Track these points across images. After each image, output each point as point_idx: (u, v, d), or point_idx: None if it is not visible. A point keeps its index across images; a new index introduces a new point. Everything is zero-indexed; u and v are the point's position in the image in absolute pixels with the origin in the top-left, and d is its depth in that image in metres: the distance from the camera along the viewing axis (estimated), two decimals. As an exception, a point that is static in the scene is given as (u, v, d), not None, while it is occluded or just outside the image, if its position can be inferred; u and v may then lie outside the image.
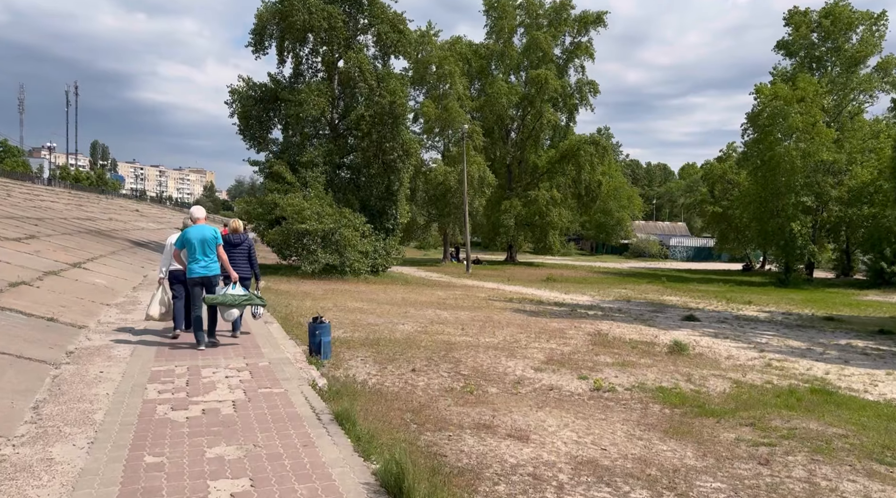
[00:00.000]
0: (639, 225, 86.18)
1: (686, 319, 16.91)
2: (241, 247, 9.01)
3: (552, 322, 14.34)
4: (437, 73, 43.14)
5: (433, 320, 13.62)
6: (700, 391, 7.93)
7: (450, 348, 9.84)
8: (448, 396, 6.97)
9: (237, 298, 7.96)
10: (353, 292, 19.63)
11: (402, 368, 8.27)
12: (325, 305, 15.40)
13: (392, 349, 9.51)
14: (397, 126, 26.14)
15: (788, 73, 39.16)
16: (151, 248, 28.97)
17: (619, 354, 10.10)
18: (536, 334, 11.99)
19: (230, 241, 8.88)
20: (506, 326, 13.04)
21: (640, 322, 15.69)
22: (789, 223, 35.44)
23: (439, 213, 43.23)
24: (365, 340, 10.22)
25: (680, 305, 21.83)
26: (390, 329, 11.78)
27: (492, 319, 14.39)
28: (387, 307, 15.76)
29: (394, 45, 27.12)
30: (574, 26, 47.91)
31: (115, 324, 9.26)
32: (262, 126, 28.20)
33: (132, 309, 10.97)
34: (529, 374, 8.34)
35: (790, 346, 12.91)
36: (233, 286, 8.06)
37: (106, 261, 18.57)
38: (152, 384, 5.87)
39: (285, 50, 27.25)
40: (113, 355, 7.10)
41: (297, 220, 23.58)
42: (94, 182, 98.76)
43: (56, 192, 50.33)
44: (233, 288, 8.03)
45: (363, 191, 27.81)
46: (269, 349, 7.76)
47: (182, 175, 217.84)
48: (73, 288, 11.80)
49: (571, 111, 48.58)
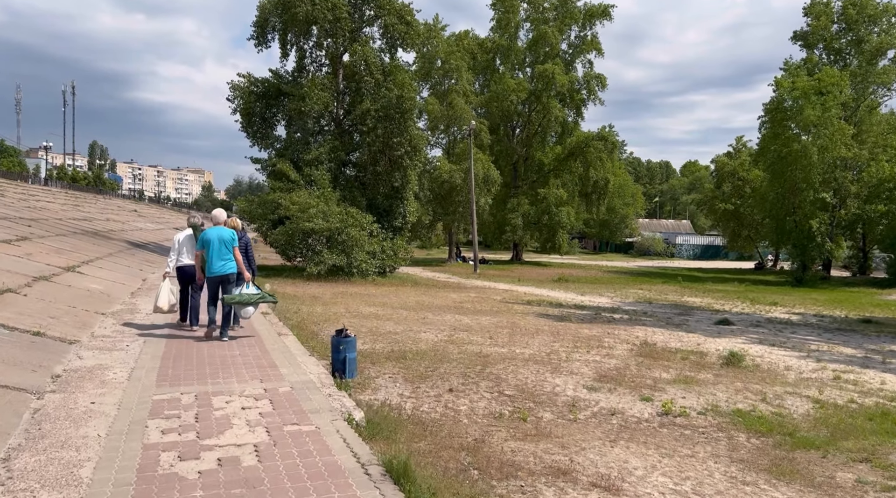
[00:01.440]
0: (643, 223, 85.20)
1: (720, 323, 15.90)
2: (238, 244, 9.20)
3: (583, 328, 13.31)
4: (444, 68, 42.06)
5: (456, 327, 12.60)
6: (781, 414, 6.91)
7: (484, 362, 8.82)
8: (500, 425, 5.95)
9: (252, 297, 8.65)
10: (364, 296, 18.61)
11: (437, 388, 7.25)
12: (337, 310, 14.38)
13: (421, 364, 8.49)
14: (405, 121, 25.09)
15: (801, 65, 38.09)
16: (150, 249, 27.91)
17: (672, 368, 9.08)
18: (573, 344, 10.97)
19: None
20: (536, 334, 12.02)
21: (674, 327, 14.68)
22: (807, 220, 34.43)
23: (444, 213, 42.15)
24: (389, 352, 9.19)
25: (704, 307, 20.82)
26: (413, 339, 10.76)
27: (517, 325, 13.37)
28: (403, 313, 14.73)
29: (401, 38, 26.04)
30: (580, 19, 46.81)
31: (111, 337, 8.22)
32: (265, 123, 27.16)
33: (130, 319, 9.93)
34: (583, 394, 7.32)
35: (844, 353, 11.90)
36: (246, 286, 8.67)
37: (102, 263, 17.52)
38: (154, 420, 4.84)
39: (288, 43, 26.20)
40: (108, 379, 6.06)
41: (301, 218, 22.54)
42: (91, 182, 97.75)
43: (52, 193, 49.24)
44: (247, 288, 8.66)
45: (369, 189, 26.76)
46: (287, 368, 6.73)
47: (180, 175, 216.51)
48: (65, 295, 10.76)
49: (579, 107, 47.48)
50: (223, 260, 8.55)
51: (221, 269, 8.55)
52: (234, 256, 8.67)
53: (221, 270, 8.54)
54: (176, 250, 9.33)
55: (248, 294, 8.59)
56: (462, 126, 41.89)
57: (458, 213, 40.91)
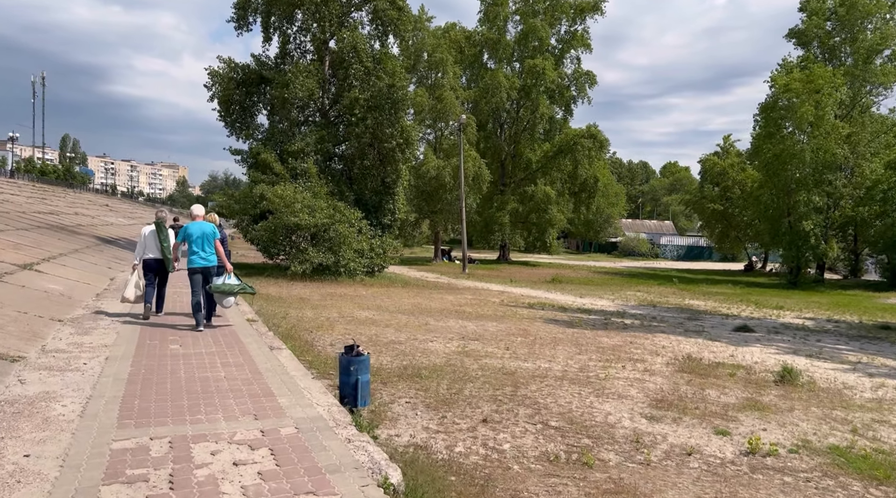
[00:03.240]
0: (626, 223, 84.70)
1: (739, 329, 14.83)
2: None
3: (601, 337, 12.10)
4: (430, 61, 40.66)
5: (463, 335, 11.30)
6: (884, 450, 5.74)
7: (513, 381, 7.54)
8: (562, 473, 4.67)
9: (233, 287, 9.10)
10: (354, 297, 17.21)
11: (467, 418, 5.95)
12: (329, 315, 12.99)
13: (441, 384, 7.19)
14: (396, 112, 23.67)
15: (798, 63, 37.45)
16: (121, 245, 26.14)
17: (726, 387, 7.89)
18: (601, 356, 9.74)
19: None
20: (554, 344, 10.77)
21: (694, 334, 13.56)
22: (800, 222, 33.76)
23: (431, 210, 40.76)
24: (400, 369, 7.86)
25: (711, 311, 19.82)
26: (421, 350, 9.44)
27: (529, 332, 12.11)
28: (401, 317, 13.39)
29: (392, 24, 24.59)
30: (570, 14, 45.73)
31: (66, 352, 6.76)
32: (245, 112, 25.57)
33: (91, 326, 8.45)
34: (643, 425, 6.07)
35: (889, 366, 10.85)
36: (227, 277, 9.09)
37: (66, 260, 15.89)
38: (111, 486, 3.46)
39: (271, 26, 24.61)
40: (53, 415, 4.65)
41: (286, 213, 21.04)
42: (61, 176, 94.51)
43: (19, 185, 46.82)
44: (228, 278, 9.07)
45: (357, 183, 25.30)
46: (288, 397, 5.36)
47: (154, 170, 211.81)
48: (15, 298, 9.23)
49: (568, 104, 46.45)
50: (206, 253, 8.99)
51: (205, 261, 8.97)
52: (215, 248, 9.09)
53: (204, 263, 8.96)
54: (142, 245, 9.74)
55: (230, 284, 9.05)
56: (450, 121, 40.58)
57: (446, 211, 39.56)
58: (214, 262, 9.06)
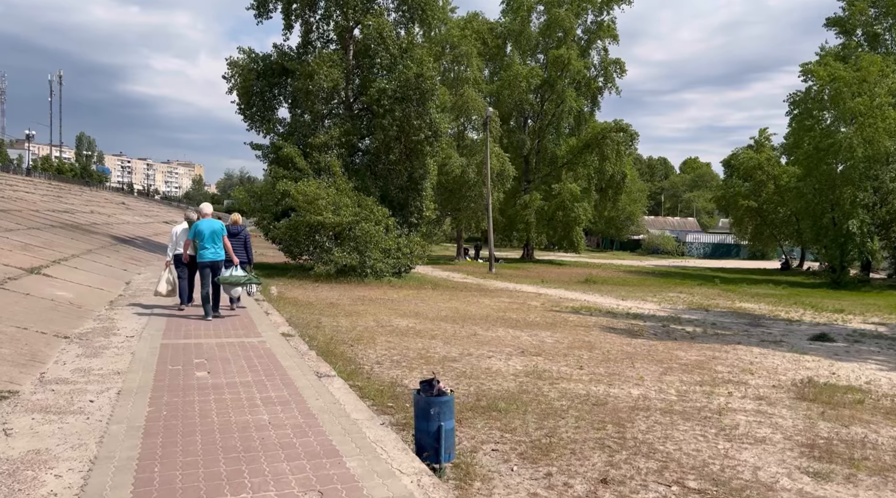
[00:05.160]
0: (649, 220, 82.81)
1: (818, 338, 13.34)
2: (238, 236, 11.13)
3: (676, 350, 10.68)
4: (453, 54, 39.19)
5: (522, 349, 9.94)
6: None
7: (613, 417, 6.15)
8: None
9: (240, 278, 9.94)
10: (387, 302, 15.90)
11: (580, 477, 4.59)
12: (366, 323, 11.68)
13: (526, 420, 5.83)
14: (425, 102, 22.28)
15: (839, 52, 35.63)
16: (137, 244, 25.05)
17: (870, 422, 6.45)
18: (690, 377, 8.32)
19: (230, 231, 10.67)
20: (628, 360, 9.37)
21: (772, 345, 12.09)
22: (845, 218, 31.99)
23: (454, 207, 39.32)
24: (471, 398, 6.50)
25: (769, 314, 18.29)
26: (483, 370, 8.09)
27: (593, 345, 10.72)
28: (445, 326, 12.04)
29: (420, 9, 23.18)
30: (596, 2, 44.00)
31: (70, 383, 5.48)
32: (266, 104, 24.31)
33: (103, 344, 7.18)
34: (810, 487, 4.66)
35: None
36: (235, 269, 9.98)
37: (78, 262, 14.72)
38: None
39: (293, 13, 23.32)
40: (40, 496, 3.35)
41: (309, 210, 19.78)
42: (77, 173, 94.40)
43: (34, 183, 46.05)
44: (235, 270, 9.96)
45: (381, 179, 23.95)
46: (357, 458, 4.01)
47: (170, 168, 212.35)
48: (16, 309, 8.00)
49: (595, 95, 44.80)
50: (215, 248, 9.73)
51: (214, 255, 9.72)
52: (223, 244, 9.88)
53: (214, 257, 9.72)
54: (173, 242, 10.45)
55: (237, 276, 9.94)
56: (472, 116, 39.14)
57: (470, 208, 38.11)
58: (223, 256, 9.84)
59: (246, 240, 11.30)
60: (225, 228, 10.01)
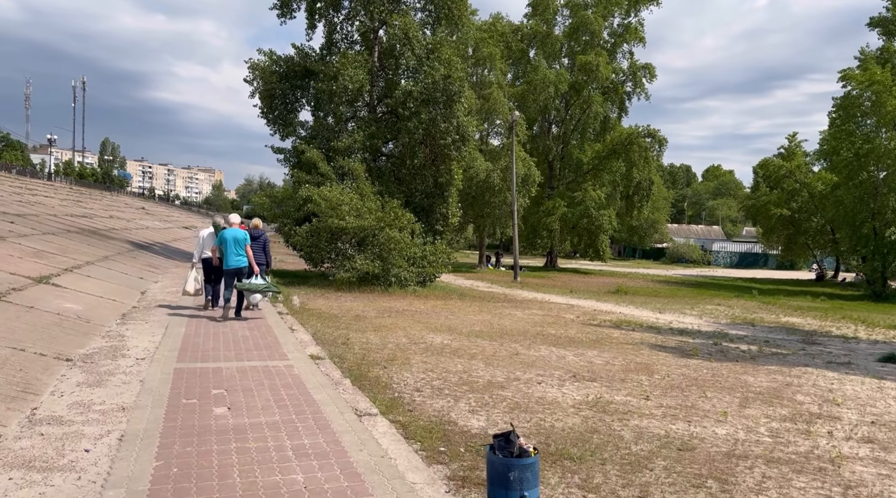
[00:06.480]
0: (673, 228, 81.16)
1: (887, 360, 12.17)
2: (259, 240, 11.77)
3: (741, 375, 9.59)
4: (476, 56, 38.31)
5: (572, 371, 8.94)
6: None
7: (709, 468, 5.14)
8: None
9: (259, 286, 10.66)
10: (415, 314, 14.95)
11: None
12: (397, 339, 10.74)
13: (607, 474, 4.84)
14: (452, 105, 21.40)
15: (881, 55, 34.20)
16: (156, 250, 24.40)
17: None
18: (773, 411, 7.27)
19: (251, 235, 11.24)
20: (695, 388, 8.33)
21: (841, 367, 10.96)
22: (889, 228, 30.56)
23: (477, 214, 38.34)
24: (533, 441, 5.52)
25: (821, 330, 17.10)
26: (536, 400, 7.11)
27: (650, 368, 9.68)
28: (482, 343, 11.07)
29: (447, 8, 22.32)
30: (624, 4, 42.91)
31: (64, 422, 4.60)
32: (288, 107, 23.59)
33: (109, 371, 6.30)
34: None
35: None
36: (255, 277, 10.67)
37: (92, 270, 13.98)
38: None
39: (316, 13, 22.59)
40: None
41: (331, 215, 18.96)
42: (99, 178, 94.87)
43: (55, 188, 45.91)
44: (255, 279, 10.65)
45: (406, 185, 23.08)
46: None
47: (190, 173, 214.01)
48: (16, 325, 7.17)
49: (622, 101, 43.70)
50: (238, 256, 10.44)
51: (237, 263, 10.45)
52: (245, 252, 10.54)
53: (236, 264, 10.46)
54: (200, 246, 11.30)
55: (257, 284, 10.59)
56: (496, 121, 38.22)
57: (494, 215, 37.10)
58: (245, 263, 10.53)
59: (265, 244, 12.06)
60: (249, 238, 10.73)
